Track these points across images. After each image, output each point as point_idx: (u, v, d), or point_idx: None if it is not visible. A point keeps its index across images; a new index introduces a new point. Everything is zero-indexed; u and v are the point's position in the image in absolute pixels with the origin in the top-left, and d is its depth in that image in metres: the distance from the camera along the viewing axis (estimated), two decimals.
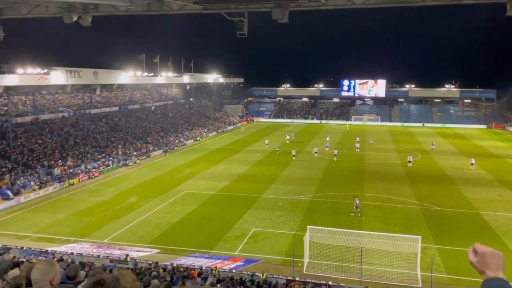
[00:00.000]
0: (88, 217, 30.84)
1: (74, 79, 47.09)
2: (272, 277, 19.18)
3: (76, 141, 51.13)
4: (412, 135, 75.87)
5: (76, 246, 25.05)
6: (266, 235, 26.83)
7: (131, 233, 27.49)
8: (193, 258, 22.95)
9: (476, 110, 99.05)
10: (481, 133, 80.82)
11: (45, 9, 20.48)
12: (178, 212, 31.62)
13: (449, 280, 20.93)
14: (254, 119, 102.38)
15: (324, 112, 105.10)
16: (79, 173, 42.88)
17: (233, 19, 19.45)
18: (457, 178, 41.86)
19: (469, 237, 26.26)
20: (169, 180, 41.88)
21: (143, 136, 62.00)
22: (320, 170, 45.78)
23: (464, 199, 34.62)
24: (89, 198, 36.02)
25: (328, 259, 22.36)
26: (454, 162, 49.93)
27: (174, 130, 71.29)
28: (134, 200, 35.00)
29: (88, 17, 19.53)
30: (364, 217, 30.15)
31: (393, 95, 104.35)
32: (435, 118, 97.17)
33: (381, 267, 21.67)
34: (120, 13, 21.03)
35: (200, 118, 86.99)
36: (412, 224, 28.64)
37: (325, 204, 33.13)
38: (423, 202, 33.75)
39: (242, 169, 46.06)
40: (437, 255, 23.50)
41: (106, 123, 61.74)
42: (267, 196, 35.71)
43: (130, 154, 52.91)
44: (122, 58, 72.67)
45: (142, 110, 75.81)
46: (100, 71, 52.88)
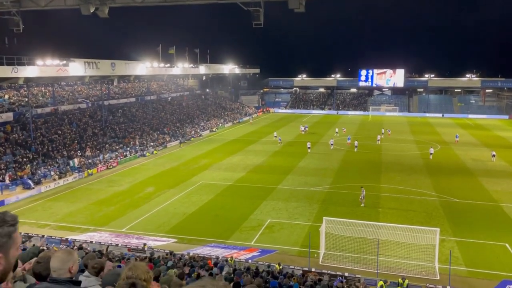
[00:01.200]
0: (107, 206, 31.35)
1: (92, 70, 47.63)
2: (288, 268, 19.21)
3: (95, 132, 51.88)
4: (432, 126, 74.58)
5: (95, 235, 25.53)
6: (282, 226, 26.84)
7: (149, 223, 27.85)
8: (209, 248, 23.14)
9: (498, 100, 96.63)
10: (503, 123, 78.91)
11: (63, 0, 20.64)
12: (195, 202, 31.87)
13: (467, 273, 20.62)
14: (270, 110, 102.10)
15: (341, 102, 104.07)
16: (97, 163, 43.56)
17: (249, 9, 19.25)
18: (478, 170, 41.04)
19: (489, 229, 25.77)
20: (185, 170, 42.20)
21: (160, 127, 62.51)
22: (337, 161, 45.46)
23: (484, 191, 33.95)
24: (107, 188, 36.59)
25: (344, 251, 22.26)
26: (475, 154, 48.95)
27: (190, 121, 71.67)
28: (151, 190, 35.40)
29: (105, 8, 19.60)
30: (381, 208, 29.86)
31: (412, 85, 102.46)
32: (455, 108, 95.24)
33: (398, 259, 21.45)
34: (136, 4, 21.04)
35: (216, 109, 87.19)
36: (430, 216, 28.25)
37: (342, 195, 32.91)
38: (442, 194, 33.23)
39: (258, 160, 46.07)
40: (455, 247, 23.15)
41: (124, 114, 62.42)
42: (283, 187, 35.67)
43: (147, 144, 53.46)
44: (139, 49, 73.23)
45: (159, 101, 76.37)
46: (118, 62, 53.34)
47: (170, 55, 70.57)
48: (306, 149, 50.69)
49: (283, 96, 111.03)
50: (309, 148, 50.54)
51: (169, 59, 70.99)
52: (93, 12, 19.53)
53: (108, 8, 19.67)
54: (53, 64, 42.56)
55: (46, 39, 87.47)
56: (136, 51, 71.17)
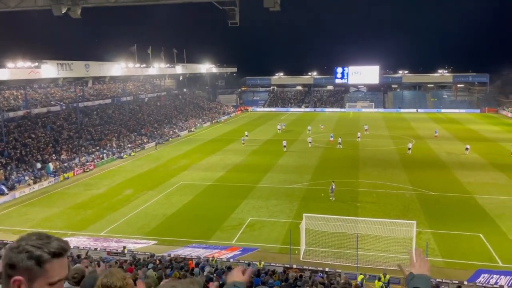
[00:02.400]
0: (84, 210, 30.82)
1: (65, 72, 46.67)
2: (270, 265, 19.34)
3: (70, 135, 50.85)
4: (407, 121, 76.14)
5: (73, 239, 25.06)
6: (263, 224, 26.97)
7: (128, 225, 27.53)
8: (190, 249, 23.06)
9: (469, 95, 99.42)
10: (475, 117, 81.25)
11: (34, 1, 20.17)
12: (174, 203, 31.67)
13: (444, 263, 21.20)
14: (248, 109, 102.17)
15: (318, 100, 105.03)
16: (73, 167, 42.73)
17: (224, 8, 19.27)
18: (451, 163, 42.16)
19: (463, 221, 26.55)
20: (164, 171, 41.85)
21: (137, 128, 61.75)
22: (315, 158, 45.91)
23: (458, 184, 34.92)
24: (84, 191, 35.95)
25: (325, 246, 22.55)
26: (448, 147, 50.24)
27: (168, 121, 71.05)
28: (130, 192, 34.98)
29: (78, 9, 19.27)
30: (359, 203, 30.36)
31: (386, 81, 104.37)
32: (428, 103, 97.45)
33: (377, 252, 21.88)
34: (109, 4, 20.76)
35: (194, 109, 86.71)
36: (407, 210, 28.89)
37: (321, 191, 33.28)
38: (418, 187, 34.01)
39: (237, 159, 46.09)
40: (432, 239, 23.76)
41: (100, 116, 61.38)
42: (262, 185, 35.81)
43: (125, 146, 52.75)
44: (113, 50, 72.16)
45: (136, 101, 75.38)
46: (92, 63, 52.44)
47: (145, 55, 69.82)
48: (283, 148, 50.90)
49: (261, 95, 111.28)
50: (284, 147, 50.23)
51: (145, 59, 70.19)
52: (65, 12, 19.17)
53: (81, 8, 19.34)
54: (24, 67, 41.52)
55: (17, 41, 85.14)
56: (111, 52, 70.13)
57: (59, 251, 1.85)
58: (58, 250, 1.84)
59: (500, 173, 37.73)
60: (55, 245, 1.85)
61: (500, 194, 31.77)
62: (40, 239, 1.86)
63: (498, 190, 32.91)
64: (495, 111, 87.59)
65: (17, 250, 1.83)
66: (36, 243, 1.83)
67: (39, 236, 1.89)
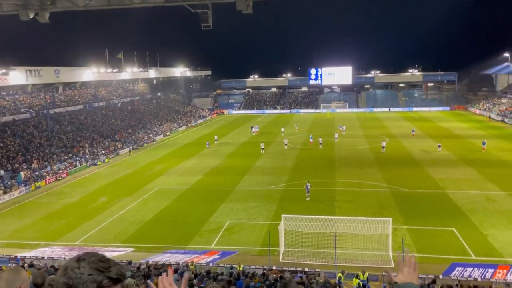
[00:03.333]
0: (58, 220, 30.01)
1: (34, 78, 45.44)
2: (249, 268, 19.31)
3: (41, 143, 49.46)
4: (380, 120, 77.58)
5: (46, 250, 24.36)
6: (241, 227, 26.92)
7: (104, 234, 26.96)
8: (169, 255, 22.77)
9: (439, 93, 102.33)
10: (445, 115, 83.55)
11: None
12: (151, 209, 31.23)
13: (419, 258, 21.63)
14: (224, 112, 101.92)
15: (293, 101, 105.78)
16: (45, 175, 41.58)
17: (197, 11, 19.17)
18: (424, 160, 43.20)
19: (437, 216, 27.22)
20: (140, 177, 41.23)
21: (110, 134, 60.65)
22: (292, 159, 46.19)
23: (431, 180, 35.80)
24: (57, 200, 35.02)
25: (303, 246, 22.70)
26: (421, 145, 51.47)
27: (142, 126, 70.10)
28: (105, 199, 34.29)
29: (46, 14, 18.78)
30: (336, 202, 30.70)
31: (359, 81, 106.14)
32: (400, 102, 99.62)
33: (355, 250, 22.19)
34: (79, 8, 20.31)
35: (168, 113, 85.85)
36: (383, 207, 29.41)
37: (298, 192, 33.48)
38: (392, 185, 34.68)
39: (214, 163, 45.88)
40: (407, 235, 24.25)
41: (71, 123, 59.96)
42: (240, 188, 35.76)
43: (98, 153, 51.70)
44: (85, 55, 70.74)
45: (108, 107, 74.04)
46: (62, 69, 51.23)
47: (117, 60, 68.77)
48: (260, 150, 51.03)
49: (236, 97, 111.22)
50: (262, 149, 50.40)
51: (117, 64, 69.10)
52: (33, 17, 18.66)
53: (49, 13, 18.87)
54: None
55: None
56: (81, 57, 68.79)
57: (119, 277, 1.83)
58: (118, 276, 1.83)
59: (470, 169, 38.90)
60: (115, 270, 1.84)
61: (471, 189, 32.75)
62: (101, 261, 1.84)
63: (469, 185, 33.92)
64: (464, 109, 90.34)
65: (78, 271, 1.79)
66: (97, 266, 1.81)
67: (100, 258, 1.86)
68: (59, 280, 1.83)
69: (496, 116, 73.41)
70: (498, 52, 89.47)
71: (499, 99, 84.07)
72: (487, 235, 23.99)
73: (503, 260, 20.77)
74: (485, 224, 25.47)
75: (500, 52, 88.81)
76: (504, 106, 76.88)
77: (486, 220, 26.11)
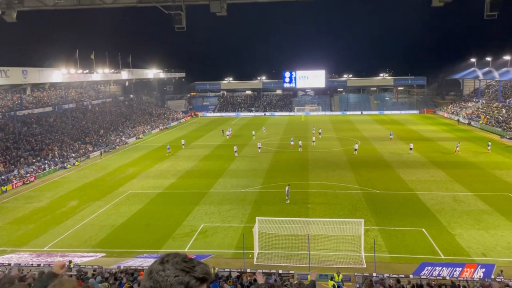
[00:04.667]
0: (25, 225, 29.04)
1: (1, 79, 43.97)
2: (224, 271, 19.21)
3: (7, 145, 47.79)
4: (352, 123, 78.88)
5: (13, 256, 23.52)
6: (216, 230, 26.78)
7: (74, 239, 26.27)
8: (141, 259, 22.39)
9: (409, 97, 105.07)
10: (415, 118, 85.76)
11: None
12: (123, 213, 30.66)
13: (390, 258, 22.11)
14: (198, 114, 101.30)
15: (267, 104, 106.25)
16: (12, 179, 40.18)
17: (170, 13, 19.01)
18: (394, 162, 44.18)
19: (407, 217, 27.87)
20: (111, 181, 40.43)
21: (81, 137, 59.23)
22: (266, 162, 46.34)
23: (401, 181, 36.64)
24: (25, 205, 33.89)
25: (278, 248, 22.78)
26: (391, 147, 52.62)
27: (114, 128, 68.79)
28: (74, 204, 33.43)
29: (13, 12, 18.22)
30: (310, 204, 30.98)
31: (332, 85, 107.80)
32: (372, 106, 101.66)
33: (328, 251, 22.45)
34: (48, 7, 19.79)
35: (141, 115, 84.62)
36: (355, 208, 29.88)
37: (273, 194, 33.61)
38: (364, 186, 35.29)
39: (188, 165, 45.50)
40: (379, 236, 24.71)
41: (40, 125, 58.23)
42: (215, 191, 35.58)
43: (68, 156, 50.38)
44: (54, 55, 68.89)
45: (79, 109, 72.30)
46: (30, 69, 49.76)
47: (88, 60, 67.31)
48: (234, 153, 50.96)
49: (210, 100, 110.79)
50: (235, 152, 50.29)
51: (87, 65, 67.63)
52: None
53: (16, 12, 18.31)
54: None
55: None
56: (51, 58, 66.91)
57: (205, 277, 1.82)
58: (204, 275, 1.82)
59: (439, 170, 40.04)
60: (200, 269, 1.82)
61: (439, 190, 33.70)
62: (185, 261, 1.82)
63: (437, 186, 34.90)
64: (432, 112, 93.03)
65: (164, 274, 1.77)
66: (182, 267, 1.78)
67: (183, 258, 1.84)
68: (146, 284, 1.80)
69: (463, 119, 75.93)
70: (465, 57, 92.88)
71: (466, 103, 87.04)
72: (455, 235, 24.73)
73: (470, 259, 21.46)
74: (452, 224, 26.26)
75: (467, 57, 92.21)
76: (470, 110, 79.65)
77: (454, 221, 26.93)
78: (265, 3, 20.50)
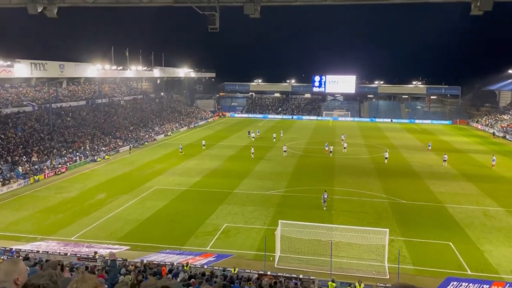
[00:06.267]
0: (55, 214, 29.99)
1: (39, 72, 45.60)
2: (244, 272, 19.24)
3: (41, 136, 49.51)
4: (381, 131, 77.59)
5: (42, 244, 24.32)
6: (238, 230, 26.87)
7: (100, 230, 26.93)
8: (164, 255, 22.72)
9: (442, 106, 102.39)
10: (447, 128, 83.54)
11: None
12: (149, 208, 31.20)
13: (415, 271, 21.59)
14: (225, 114, 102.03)
15: (295, 107, 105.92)
16: (44, 169, 41.59)
17: (204, 13, 19.23)
18: (424, 173, 43.13)
19: (434, 229, 27.15)
20: (139, 176, 41.23)
21: (112, 131, 60.69)
22: (291, 165, 46.17)
23: (430, 193, 35.73)
24: (55, 194, 35.01)
25: (299, 253, 22.63)
26: (421, 157, 51.42)
27: (144, 125, 70.14)
28: (102, 196, 34.28)
29: (54, 8, 18.83)
30: (334, 211, 30.64)
31: (362, 91, 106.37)
32: (402, 114, 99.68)
33: (350, 259, 22.12)
34: (87, 4, 20.37)
35: (171, 113, 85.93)
36: (380, 218, 29.34)
37: (296, 198, 33.43)
38: (391, 196, 34.62)
39: (214, 164, 45.87)
40: (403, 247, 24.18)
41: (73, 118, 60.03)
42: (239, 191, 35.73)
43: (98, 149, 51.72)
44: (90, 51, 71.06)
45: (111, 104, 74.13)
46: (67, 64, 51.39)
47: (122, 57, 68.99)
48: (262, 154, 51.01)
49: (239, 101, 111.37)
50: (252, 154, 50.22)
51: (121, 61, 69.30)
52: (41, 11, 18.73)
53: (57, 7, 18.94)
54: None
55: None
56: (87, 53, 68.96)
57: None
58: None
59: (469, 183, 38.83)
60: None
61: (469, 204, 32.69)
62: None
63: (467, 200, 33.85)
64: (466, 123, 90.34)
65: None
66: None
67: None
68: None
69: (498, 132, 73.36)
70: (502, 68, 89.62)
71: (501, 115, 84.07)
72: (484, 250, 23.92)
73: (498, 277, 20.70)
74: (482, 240, 25.40)
75: (504, 68, 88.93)
76: (506, 123, 76.88)
77: (483, 236, 26.05)
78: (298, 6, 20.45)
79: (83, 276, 2.72)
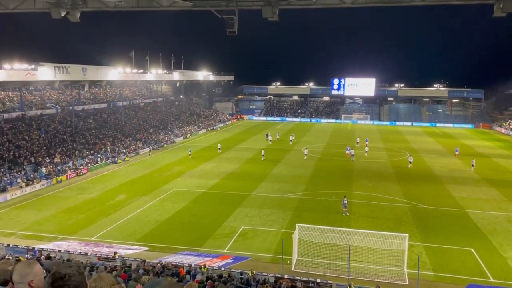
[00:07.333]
0: (76, 214, 30.57)
1: (62, 75, 46.58)
2: (261, 275, 19.22)
3: (64, 138, 50.61)
4: (401, 134, 76.50)
5: (63, 243, 24.84)
6: (255, 233, 26.87)
7: (120, 231, 27.32)
8: (182, 256, 22.90)
9: (464, 110, 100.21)
10: (469, 132, 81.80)
11: (33, 3, 20.17)
12: (168, 209, 31.51)
13: (435, 277, 21.18)
14: (244, 117, 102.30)
15: (314, 110, 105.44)
16: (67, 170, 42.47)
17: (223, 17, 19.36)
18: (445, 177, 42.32)
19: (455, 235, 26.60)
20: (158, 177, 41.69)
21: (132, 133, 61.59)
22: (310, 168, 45.94)
23: (451, 198, 35.03)
24: (77, 195, 35.70)
25: (317, 257, 22.48)
26: (443, 161, 50.47)
27: (163, 127, 70.95)
28: (122, 197, 34.78)
29: (77, 13, 19.28)
30: (352, 215, 30.34)
31: (382, 94, 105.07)
32: (423, 117, 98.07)
33: (369, 264, 21.85)
34: (109, 9, 20.77)
35: (190, 116, 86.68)
36: (400, 222, 28.91)
37: (314, 202, 33.24)
38: (411, 200, 34.08)
39: (232, 167, 46.01)
40: (423, 252, 23.76)
41: (95, 120, 61.21)
42: (256, 194, 35.74)
43: (119, 151, 52.55)
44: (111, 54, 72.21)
45: (131, 106, 75.30)
46: (89, 67, 52.39)
47: (143, 60, 70.00)
48: (280, 157, 50.88)
49: (257, 104, 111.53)
50: (263, 156, 50.25)
51: (142, 64, 70.30)
52: (64, 16, 19.18)
53: (80, 12, 19.37)
54: (21, 68, 41.41)
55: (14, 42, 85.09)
56: (108, 57, 70.14)
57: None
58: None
59: (492, 189, 37.90)
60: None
61: (492, 210, 31.90)
62: None
63: (490, 205, 33.05)
64: (489, 127, 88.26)
65: None
66: None
67: None
68: None
69: None
70: None
71: None
72: (507, 258, 23.30)
73: None
74: (505, 247, 24.74)
75: None
76: None
77: (507, 243, 25.37)
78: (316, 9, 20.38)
79: (100, 275, 2.77)
